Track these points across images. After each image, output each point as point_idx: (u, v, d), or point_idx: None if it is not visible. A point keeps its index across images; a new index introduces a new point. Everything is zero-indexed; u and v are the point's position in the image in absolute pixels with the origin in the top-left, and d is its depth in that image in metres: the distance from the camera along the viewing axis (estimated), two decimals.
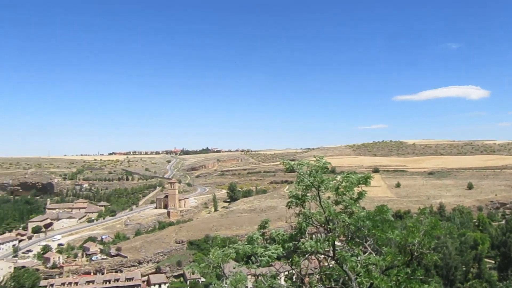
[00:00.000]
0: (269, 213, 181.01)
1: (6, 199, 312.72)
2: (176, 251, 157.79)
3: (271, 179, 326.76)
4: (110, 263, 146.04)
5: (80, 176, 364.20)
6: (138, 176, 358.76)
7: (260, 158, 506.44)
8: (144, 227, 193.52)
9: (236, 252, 11.64)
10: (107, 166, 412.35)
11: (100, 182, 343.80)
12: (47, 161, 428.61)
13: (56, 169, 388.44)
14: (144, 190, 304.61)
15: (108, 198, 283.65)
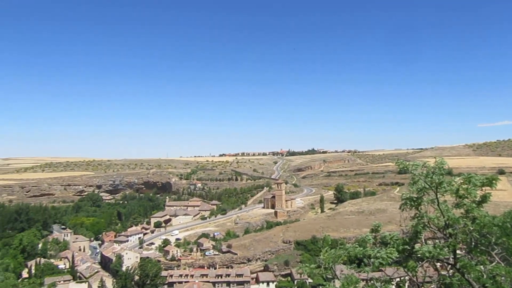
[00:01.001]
0: (378, 216, 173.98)
1: (133, 196, 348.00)
2: (283, 250, 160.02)
3: (380, 181, 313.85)
4: (221, 259, 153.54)
5: (194, 176, 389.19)
6: (247, 177, 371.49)
7: (368, 159, 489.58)
8: (252, 226, 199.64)
9: (347, 253, 11.40)
10: (218, 167, 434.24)
11: (212, 182, 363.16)
12: (166, 162, 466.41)
13: (174, 170, 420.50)
14: (252, 190, 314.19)
15: (219, 197, 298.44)
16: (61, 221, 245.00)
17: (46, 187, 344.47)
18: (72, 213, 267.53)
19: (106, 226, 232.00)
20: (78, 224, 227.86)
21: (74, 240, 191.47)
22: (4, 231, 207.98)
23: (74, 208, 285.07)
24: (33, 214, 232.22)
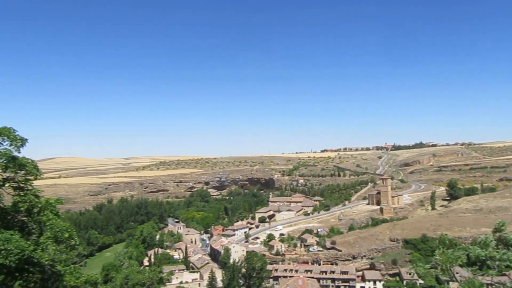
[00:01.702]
0: (499, 215, 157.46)
1: (237, 192, 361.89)
2: (390, 249, 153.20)
3: (500, 176, 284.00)
4: (325, 255, 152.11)
5: (296, 172, 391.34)
6: (350, 172, 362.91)
7: (485, 152, 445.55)
8: (357, 223, 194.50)
9: (467, 254, 10.36)
10: (320, 162, 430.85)
11: (314, 178, 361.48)
12: (268, 159, 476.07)
13: (276, 166, 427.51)
14: (356, 186, 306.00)
15: (321, 193, 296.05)
16: (175, 215, 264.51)
17: (161, 184, 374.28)
18: (184, 207, 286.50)
19: (214, 220, 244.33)
20: (189, 218, 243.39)
21: (186, 232, 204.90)
22: (128, 223, 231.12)
23: (186, 203, 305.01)
24: (151, 208, 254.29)
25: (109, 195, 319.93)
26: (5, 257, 18.82)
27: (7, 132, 20.69)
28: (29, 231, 23.42)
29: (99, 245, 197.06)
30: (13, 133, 20.89)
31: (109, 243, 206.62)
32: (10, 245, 18.97)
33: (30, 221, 23.13)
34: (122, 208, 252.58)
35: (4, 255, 18.83)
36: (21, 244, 19.43)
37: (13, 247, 19.03)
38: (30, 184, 22.58)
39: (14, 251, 19.03)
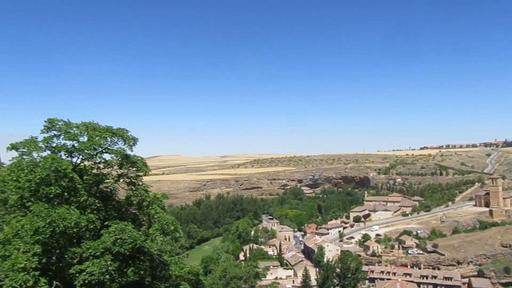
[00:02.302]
0: None
1: (331, 191, 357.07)
2: (502, 255, 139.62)
3: None
4: (426, 259, 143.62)
5: (393, 170, 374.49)
6: (453, 171, 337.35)
7: None
8: (462, 225, 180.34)
9: None
10: (419, 160, 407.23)
11: (413, 177, 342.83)
12: (363, 157, 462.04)
13: (371, 164, 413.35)
14: (461, 186, 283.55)
15: (421, 193, 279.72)
16: (269, 212, 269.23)
17: (255, 181, 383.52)
18: (277, 205, 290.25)
19: (308, 218, 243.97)
20: (283, 215, 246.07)
21: (280, 229, 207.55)
22: (224, 218, 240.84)
23: (279, 200, 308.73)
24: (246, 204, 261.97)
25: (207, 191, 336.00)
26: (120, 245, 20.87)
27: (121, 133, 22.95)
28: (140, 223, 25.71)
29: (198, 238, 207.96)
30: (126, 134, 23.11)
31: (207, 237, 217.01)
32: (124, 235, 20.99)
33: (141, 213, 25.38)
34: (219, 204, 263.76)
35: (120, 244, 20.88)
36: (134, 234, 21.38)
37: (127, 237, 21.02)
38: (140, 180, 24.79)
39: (128, 240, 21.00)
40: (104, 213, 23.22)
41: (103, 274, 19.72)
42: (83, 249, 20.78)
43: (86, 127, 22.84)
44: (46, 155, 21.51)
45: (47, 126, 22.59)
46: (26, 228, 18.70)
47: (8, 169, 21.07)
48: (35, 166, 20.25)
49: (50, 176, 19.99)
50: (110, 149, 23.03)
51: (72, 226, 19.74)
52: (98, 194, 23.99)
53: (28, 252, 18.04)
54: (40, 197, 20.45)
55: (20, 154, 21.70)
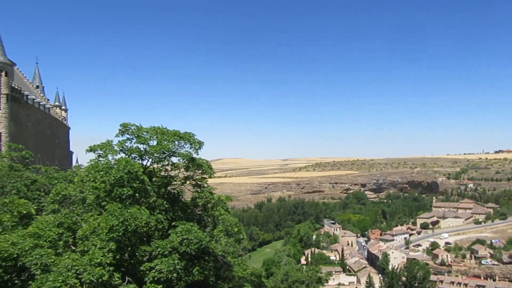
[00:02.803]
0: None
1: (396, 196, 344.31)
2: None
3: None
4: (502, 270, 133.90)
5: (464, 175, 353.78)
6: None
7: None
8: None
9: None
10: (494, 165, 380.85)
11: (486, 182, 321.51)
12: (431, 161, 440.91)
13: (440, 169, 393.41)
14: None
15: (496, 199, 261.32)
16: (330, 216, 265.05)
17: (317, 185, 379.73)
18: (340, 209, 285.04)
19: (371, 223, 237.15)
20: (345, 220, 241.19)
21: (343, 234, 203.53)
22: (285, 222, 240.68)
23: (341, 204, 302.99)
24: (307, 208, 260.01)
25: (268, 194, 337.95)
26: (187, 245, 21.66)
27: (188, 137, 23.89)
28: (205, 224, 26.53)
29: (259, 241, 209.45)
30: (192, 137, 24.03)
31: (268, 240, 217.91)
32: (190, 235, 21.76)
33: (206, 215, 26.17)
34: (281, 207, 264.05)
35: (186, 244, 21.67)
36: (199, 235, 22.10)
37: (193, 237, 21.77)
38: (205, 182, 25.61)
39: (194, 240, 21.75)
40: (171, 213, 24.25)
41: (171, 272, 20.57)
42: (152, 248, 21.83)
43: (156, 132, 24.04)
44: (120, 157, 22.90)
45: (121, 130, 24.07)
46: (102, 226, 19.98)
47: (86, 170, 22.69)
48: (110, 168, 21.62)
49: (123, 178, 21.25)
50: (178, 153, 24.05)
51: (143, 225, 20.80)
52: (166, 195, 25.10)
53: (104, 248, 19.26)
54: (114, 197, 21.78)
55: (97, 156, 23.30)
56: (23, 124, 70.38)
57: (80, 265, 18.45)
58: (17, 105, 67.31)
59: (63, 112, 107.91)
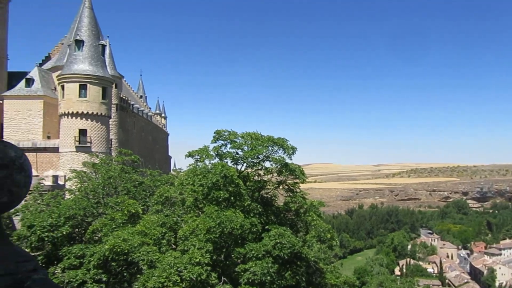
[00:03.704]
0: None
1: (504, 205, 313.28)
2: None
3: None
4: None
5: None
6: None
7: None
8: None
9: None
10: None
11: None
12: None
13: None
14: None
15: None
16: (427, 226, 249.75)
17: (412, 192, 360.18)
18: (438, 218, 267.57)
19: (474, 235, 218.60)
20: (444, 230, 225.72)
21: (441, 246, 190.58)
22: (378, 230, 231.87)
23: (440, 214, 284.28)
24: (402, 216, 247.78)
25: (359, 201, 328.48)
26: (280, 249, 21.92)
27: (282, 142, 24.25)
28: (297, 229, 26.60)
29: (350, 248, 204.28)
30: (286, 143, 24.34)
31: (359, 248, 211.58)
32: (283, 240, 21.98)
33: (298, 220, 26.26)
34: (372, 214, 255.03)
35: (279, 248, 21.93)
36: (292, 239, 22.23)
37: (286, 242, 21.96)
38: (298, 187, 25.72)
39: (287, 245, 21.93)
40: (264, 217, 24.71)
41: (265, 275, 20.95)
42: (246, 250, 22.43)
43: (250, 137, 24.75)
44: (216, 162, 23.99)
45: (215, 137, 25.22)
46: (200, 227, 21.04)
47: (186, 174, 24.14)
48: (207, 172, 22.75)
49: (220, 182, 22.20)
50: (271, 157, 24.50)
51: (238, 228, 21.50)
52: (259, 199, 25.66)
53: (202, 248, 20.27)
54: (210, 200, 22.84)
55: (195, 161, 24.67)
56: (129, 131, 76.85)
57: (181, 263, 19.61)
58: (125, 114, 73.72)
59: (163, 120, 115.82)
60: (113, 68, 68.30)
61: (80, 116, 55.95)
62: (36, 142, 57.29)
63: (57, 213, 23.05)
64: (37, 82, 62.47)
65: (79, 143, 55.58)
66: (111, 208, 24.86)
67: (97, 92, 57.16)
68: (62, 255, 22.07)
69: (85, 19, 60.44)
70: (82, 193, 27.07)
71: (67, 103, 56.13)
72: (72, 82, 56.32)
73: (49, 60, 74.28)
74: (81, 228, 25.09)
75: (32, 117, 60.71)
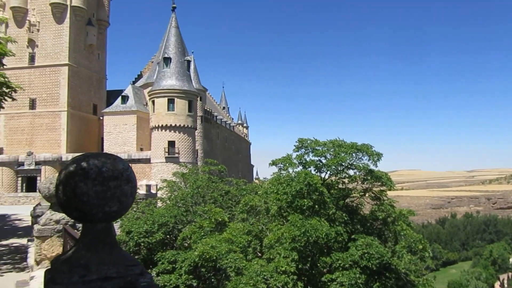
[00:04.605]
0: None
1: None
2: None
3: None
4: None
5: None
6: None
7: None
8: None
9: None
10: None
11: None
12: None
13: None
14: None
15: None
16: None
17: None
18: None
19: None
20: None
21: None
22: (474, 241, 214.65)
23: None
24: (501, 226, 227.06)
25: (452, 209, 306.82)
26: (368, 260, 21.20)
27: (366, 149, 23.58)
28: (385, 238, 25.55)
29: (443, 260, 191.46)
30: (370, 149, 23.62)
31: (453, 260, 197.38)
32: (371, 250, 21.24)
33: (386, 229, 25.22)
34: (467, 224, 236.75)
35: (367, 258, 21.22)
36: (381, 250, 21.39)
37: (374, 252, 21.19)
38: (385, 195, 24.76)
39: (375, 255, 21.15)
40: (350, 226, 24.10)
41: (352, 286, 20.39)
42: (332, 260, 22.02)
43: (332, 144, 24.41)
44: (300, 170, 23.98)
45: (298, 145, 25.25)
46: (285, 236, 21.09)
47: (270, 182, 24.43)
48: (291, 180, 22.80)
49: (303, 190, 22.13)
50: (355, 165, 23.91)
51: (323, 237, 21.20)
52: (344, 208, 25.12)
53: (287, 257, 20.29)
54: (294, 208, 22.82)
55: (279, 170, 24.89)
56: (213, 141, 79.80)
57: (267, 271, 19.78)
58: (209, 125, 76.77)
59: (245, 129, 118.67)
60: (197, 82, 71.62)
61: (169, 128, 59.37)
62: (131, 154, 61.78)
63: (151, 220, 24.59)
64: (131, 98, 67.57)
65: (168, 154, 58.95)
66: (199, 216, 25.93)
67: (183, 106, 60.33)
68: (156, 260, 23.44)
69: (172, 38, 64.35)
70: (173, 201, 28.58)
71: (157, 116, 59.94)
72: (161, 97, 60.12)
73: (141, 77, 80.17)
74: (172, 235, 26.47)
75: (127, 130, 65.67)
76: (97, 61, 77.28)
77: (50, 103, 69.67)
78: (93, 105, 75.05)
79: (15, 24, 69.79)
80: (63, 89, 69.28)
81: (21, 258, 12.69)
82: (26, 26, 70.18)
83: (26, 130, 69.67)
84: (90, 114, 73.97)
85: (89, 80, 74.77)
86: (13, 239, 17.10)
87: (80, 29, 72.33)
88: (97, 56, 77.45)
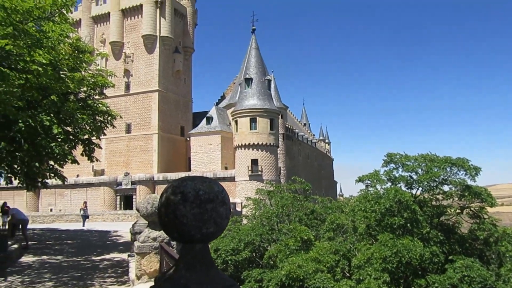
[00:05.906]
0: None
1: None
2: None
3: None
4: None
5: None
6: None
7: None
8: None
9: None
10: None
11: None
12: None
13: None
14: None
15: None
16: None
17: None
18: None
19: None
20: None
21: None
22: None
23: None
24: None
25: None
26: (468, 283, 19.48)
27: (462, 163, 21.89)
28: (488, 260, 23.31)
29: None
30: (467, 163, 21.88)
31: None
32: (472, 273, 19.49)
33: (488, 250, 23.02)
34: None
35: (467, 282, 19.50)
36: (483, 273, 19.58)
37: (475, 275, 19.43)
38: (485, 213, 22.68)
39: (477, 279, 19.38)
40: (447, 246, 22.39)
41: None
42: (428, 282, 20.55)
43: (424, 159, 23.03)
44: (389, 187, 22.89)
45: (387, 160, 24.15)
46: (375, 256, 20.15)
47: (357, 200, 23.62)
48: (379, 198, 21.83)
49: (393, 207, 21.06)
50: (450, 180, 22.28)
51: (417, 257, 19.92)
52: (439, 226, 23.43)
53: (378, 279, 19.32)
54: (384, 227, 21.77)
55: (366, 186, 23.99)
56: (295, 158, 79.66)
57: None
58: (291, 142, 76.90)
59: (327, 145, 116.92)
60: (278, 100, 72.43)
61: (252, 147, 60.48)
62: (216, 173, 63.80)
63: (237, 238, 24.95)
64: (215, 119, 70.16)
65: (251, 172, 59.88)
66: (284, 235, 25.78)
67: (265, 124, 61.20)
68: (243, 278, 23.65)
69: (252, 59, 66.09)
70: (258, 220, 28.78)
71: (240, 136, 61.45)
72: (244, 117, 61.64)
73: (224, 98, 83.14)
74: (258, 253, 26.58)
75: (212, 150, 68.07)
76: (183, 85, 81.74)
77: (143, 126, 74.89)
78: (180, 127, 79.21)
79: (113, 57, 76.59)
80: (154, 113, 74.18)
81: (122, 272, 13.54)
82: (122, 58, 76.72)
83: (123, 152, 75.42)
84: (178, 135, 78.09)
85: (177, 104, 79.22)
86: (115, 253, 18.43)
87: (168, 57, 77.29)
88: (184, 80, 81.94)
